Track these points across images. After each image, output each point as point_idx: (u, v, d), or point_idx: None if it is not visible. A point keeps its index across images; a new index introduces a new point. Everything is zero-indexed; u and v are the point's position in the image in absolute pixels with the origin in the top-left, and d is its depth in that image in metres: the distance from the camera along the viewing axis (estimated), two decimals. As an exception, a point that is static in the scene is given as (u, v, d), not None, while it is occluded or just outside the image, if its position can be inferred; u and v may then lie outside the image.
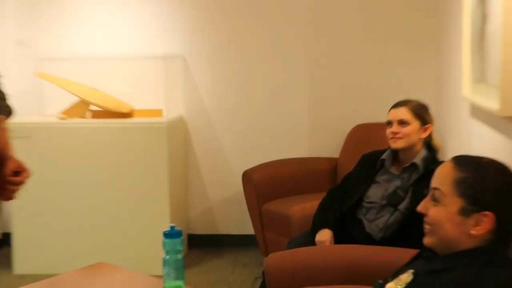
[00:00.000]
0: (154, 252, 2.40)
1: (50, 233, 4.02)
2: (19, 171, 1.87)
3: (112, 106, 4.14)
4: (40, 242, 4.03)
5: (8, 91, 2.14)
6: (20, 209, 3.97)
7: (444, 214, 1.52)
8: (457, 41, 3.33)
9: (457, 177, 1.52)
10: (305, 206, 3.24)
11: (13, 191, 1.87)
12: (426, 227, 1.57)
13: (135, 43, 4.43)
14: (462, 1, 3.10)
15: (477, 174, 1.51)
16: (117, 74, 4.39)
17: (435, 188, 1.55)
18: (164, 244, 2.27)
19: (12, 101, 2.11)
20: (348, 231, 2.83)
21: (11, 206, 3.99)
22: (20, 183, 1.87)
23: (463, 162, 1.56)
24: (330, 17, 4.33)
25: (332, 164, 4.22)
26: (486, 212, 1.48)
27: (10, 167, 1.82)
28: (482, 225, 1.48)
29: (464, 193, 1.50)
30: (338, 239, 2.81)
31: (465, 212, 1.50)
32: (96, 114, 4.14)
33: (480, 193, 1.49)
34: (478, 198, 1.49)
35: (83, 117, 4.12)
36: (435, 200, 1.55)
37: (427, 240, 1.58)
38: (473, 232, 1.49)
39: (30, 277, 3.16)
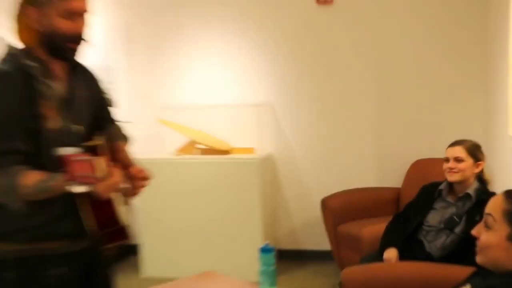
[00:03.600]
0: (250, 263, 2.47)
1: (170, 245, 4.17)
2: (142, 171, 1.92)
3: (215, 145, 4.26)
4: (162, 252, 4.18)
5: (135, 133, 2.27)
6: (147, 226, 4.17)
7: (494, 239, 1.52)
8: (504, 80, 3.24)
9: (506, 208, 1.52)
10: (373, 228, 3.24)
11: (140, 187, 1.87)
12: (478, 248, 1.58)
13: (233, 94, 4.55)
14: (509, 39, 3.02)
15: None
16: (219, 119, 4.51)
17: (488, 214, 1.56)
18: (260, 258, 2.35)
19: (138, 141, 2.25)
20: (410, 250, 2.81)
21: (140, 223, 4.16)
22: (145, 178, 1.88)
23: None
24: (397, 61, 4.31)
25: (395, 193, 4.17)
26: None
27: (135, 167, 1.91)
28: None
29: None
30: (401, 257, 2.80)
31: None
32: (204, 151, 4.27)
33: None
34: None
35: (192, 153, 4.25)
36: (487, 226, 1.55)
37: (478, 259, 1.58)
38: None
39: (153, 279, 3.27)
